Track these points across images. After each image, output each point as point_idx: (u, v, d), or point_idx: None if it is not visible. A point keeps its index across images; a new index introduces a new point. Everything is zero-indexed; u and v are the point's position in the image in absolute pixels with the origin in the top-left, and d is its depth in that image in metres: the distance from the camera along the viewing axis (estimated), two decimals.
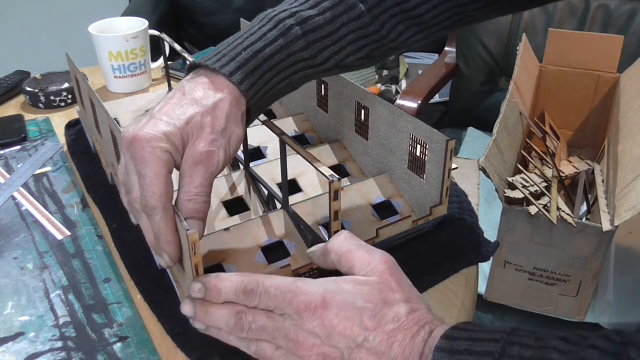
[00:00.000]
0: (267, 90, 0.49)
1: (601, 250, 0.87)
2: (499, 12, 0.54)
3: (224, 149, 0.46)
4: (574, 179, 1.15)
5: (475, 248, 0.60)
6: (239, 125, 0.47)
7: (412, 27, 0.52)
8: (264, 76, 0.48)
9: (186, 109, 0.45)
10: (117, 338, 0.51)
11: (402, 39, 0.53)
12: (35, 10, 2.14)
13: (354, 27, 0.51)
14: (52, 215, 0.67)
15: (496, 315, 1.02)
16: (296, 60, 0.50)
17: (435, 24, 0.53)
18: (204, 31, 1.88)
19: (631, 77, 1.18)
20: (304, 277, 0.51)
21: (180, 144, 0.44)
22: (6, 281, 0.57)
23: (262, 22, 0.49)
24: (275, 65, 0.49)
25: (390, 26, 0.52)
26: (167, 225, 0.43)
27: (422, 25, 0.53)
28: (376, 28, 0.51)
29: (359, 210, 0.59)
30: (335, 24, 0.50)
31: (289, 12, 0.49)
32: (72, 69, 0.74)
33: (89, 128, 0.74)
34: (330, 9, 0.50)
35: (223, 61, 0.47)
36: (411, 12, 0.51)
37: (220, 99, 0.46)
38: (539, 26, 1.41)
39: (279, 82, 0.50)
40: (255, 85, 0.48)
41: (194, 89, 0.46)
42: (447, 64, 1.56)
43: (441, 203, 0.56)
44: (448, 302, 0.55)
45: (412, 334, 0.40)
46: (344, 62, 0.52)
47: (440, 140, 0.53)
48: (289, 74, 0.50)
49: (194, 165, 0.44)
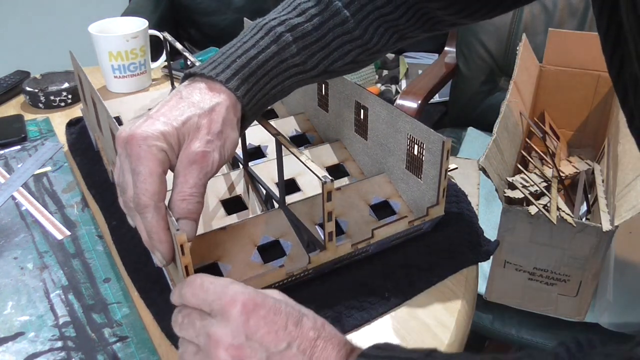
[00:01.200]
0: (261, 96, 0.51)
1: (601, 250, 0.87)
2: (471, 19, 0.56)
3: (219, 151, 0.46)
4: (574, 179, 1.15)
5: (474, 248, 0.60)
6: (235, 130, 0.48)
7: (390, 30, 0.54)
8: (259, 82, 0.50)
9: (183, 110, 0.46)
10: (117, 338, 0.51)
11: (382, 42, 0.55)
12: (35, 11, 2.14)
13: (339, 32, 0.52)
14: (52, 215, 0.67)
15: (496, 315, 1.02)
16: (288, 66, 0.51)
17: (411, 27, 0.55)
18: (204, 31, 1.88)
19: None
20: (297, 278, 0.52)
21: (176, 144, 0.45)
22: (6, 281, 0.57)
23: (253, 31, 0.51)
24: (269, 71, 0.50)
25: (373, 30, 0.53)
26: (159, 224, 0.44)
27: (399, 28, 0.54)
28: (360, 33, 0.53)
29: (356, 210, 0.59)
30: (323, 30, 0.52)
31: (279, 20, 0.51)
32: (76, 67, 0.74)
33: (92, 126, 0.75)
34: (318, 16, 0.52)
35: (219, 69, 0.48)
36: (389, 17, 0.53)
37: (218, 102, 0.47)
38: (539, 26, 1.41)
39: (273, 88, 0.51)
40: (250, 91, 0.49)
41: (192, 93, 0.47)
42: (447, 64, 1.56)
43: (438, 204, 0.56)
44: (448, 302, 0.55)
45: (333, 345, 0.39)
46: (332, 67, 0.53)
47: (437, 140, 0.53)
48: (281, 80, 0.51)
49: (189, 165, 0.45)
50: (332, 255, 0.52)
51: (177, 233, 0.42)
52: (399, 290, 0.55)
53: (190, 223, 0.45)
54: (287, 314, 0.39)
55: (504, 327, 1.01)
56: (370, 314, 0.52)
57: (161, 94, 0.83)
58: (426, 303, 0.55)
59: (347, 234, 0.57)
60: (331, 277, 0.55)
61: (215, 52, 1.13)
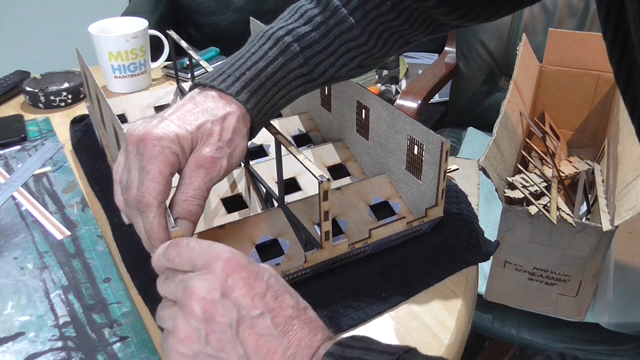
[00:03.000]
0: (270, 107, 0.52)
1: (601, 250, 0.87)
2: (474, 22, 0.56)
3: (228, 159, 0.48)
4: (574, 179, 1.15)
5: (474, 249, 0.60)
6: (244, 139, 0.50)
7: (394, 35, 0.55)
8: (267, 94, 0.51)
9: (198, 116, 0.47)
10: (117, 338, 0.51)
11: (387, 47, 0.55)
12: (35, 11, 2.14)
13: (345, 39, 0.53)
14: (52, 215, 0.67)
15: (496, 315, 1.02)
16: (296, 76, 0.52)
17: (415, 32, 0.55)
18: (204, 31, 1.88)
19: None
20: (294, 277, 0.52)
21: (188, 148, 0.46)
22: (6, 281, 0.57)
23: (261, 41, 0.52)
24: (277, 82, 0.51)
25: (377, 36, 0.54)
26: (160, 223, 0.44)
27: (403, 33, 0.55)
28: (366, 39, 0.54)
29: (356, 210, 0.59)
30: (329, 38, 0.53)
31: (286, 30, 0.52)
32: (82, 64, 0.75)
33: (97, 123, 0.75)
34: (323, 24, 0.52)
35: (229, 81, 0.49)
36: (393, 23, 0.54)
37: (230, 112, 0.48)
38: (539, 26, 1.41)
39: (281, 98, 0.53)
40: (259, 103, 0.50)
41: (205, 100, 0.49)
42: (447, 64, 1.56)
43: (437, 205, 0.56)
44: (448, 302, 0.55)
45: (310, 329, 0.38)
46: (338, 73, 0.54)
47: (436, 141, 0.53)
48: (289, 90, 0.53)
49: (197, 168, 0.46)
50: (328, 255, 0.52)
51: (172, 230, 0.43)
52: (396, 291, 0.55)
53: (188, 224, 0.46)
54: (269, 285, 0.38)
55: (504, 327, 1.01)
56: (366, 313, 0.53)
57: (166, 92, 0.83)
58: (426, 303, 0.55)
59: (345, 233, 0.57)
60: (329, 276, 0.55)
61: (215, 52, 1.13)
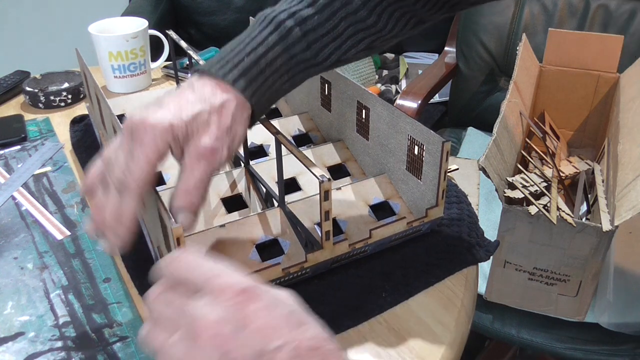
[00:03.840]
0: (270, 93, 0.50)
1: (601, 250, 0.87)
2: None
3: (227, 147, 0.47)
4: (574, 179, 1.15)
5: (474, 249, 0.60)
6: (243, 127, 0.49)
7: (406, 15, 0.53)
8: (267, 81, 0.49)
9: (195, 105, 0.46)
10: (117, 338, 0.51)
11: (399, 27, 0.53)
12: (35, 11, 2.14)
13: (352, 20, 0.51)
14: (52, 215, 0.67)
15: (496, 315, 1.02)
16: (298, 61, 0.50)
17: (429, 11, 0.54)
18: (204, 31, 1.88)
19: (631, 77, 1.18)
20: (294, 277, 0.52)
21: (183, 137, 0.45)
22: (6, 281, 0.57)
23: (262, 25, 0.50)
24: (278, 68, 0.50)
25: (387, 16, 0.52)
26: (133, 209, 0.44)
27: (416, 12, 0.53)
28: (374, 20, 0.52)
29: (356, 210, 0.59)
30: (334, 20, 0.51)
31: (288, 13, 0.50)
32: (81, 64, 0.75)
33: (97, 123, 0.75)
34: (328, 6, 0.51)
35: (226, 68, 0.48)
36: (403, 2, 0.52)
37: (227, 99, 0.47)
38: (539, 26, 1.41)
39: (283, 84, 0.51)
40: (258, 91, 0.49)
41: (203, 87, 0.47)
42: (447, 64, 1.56)
43: (437, 205, 0.56)
44: (448, 302, 0.55)
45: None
46: (345, 56, 0.52)
47: (436, 141, 0.53)
48: (291, 75, 0.51)
49: (198, 160, 0.45)
50: (328, 255, 0.52)
51: (174, 226, 0.42)
52: (396, 291, 0.55)
53: (191, 215, 0.45)
54: (290, 312, 0.33)
55: (504, 327, 1.01)
56: (366, 313, 0.53)
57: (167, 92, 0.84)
58: (426, 303, 0.55)
59: (346, 233, 0.57)
60: (329, 276, 0.55)
61: (215, 52, 1.13)
